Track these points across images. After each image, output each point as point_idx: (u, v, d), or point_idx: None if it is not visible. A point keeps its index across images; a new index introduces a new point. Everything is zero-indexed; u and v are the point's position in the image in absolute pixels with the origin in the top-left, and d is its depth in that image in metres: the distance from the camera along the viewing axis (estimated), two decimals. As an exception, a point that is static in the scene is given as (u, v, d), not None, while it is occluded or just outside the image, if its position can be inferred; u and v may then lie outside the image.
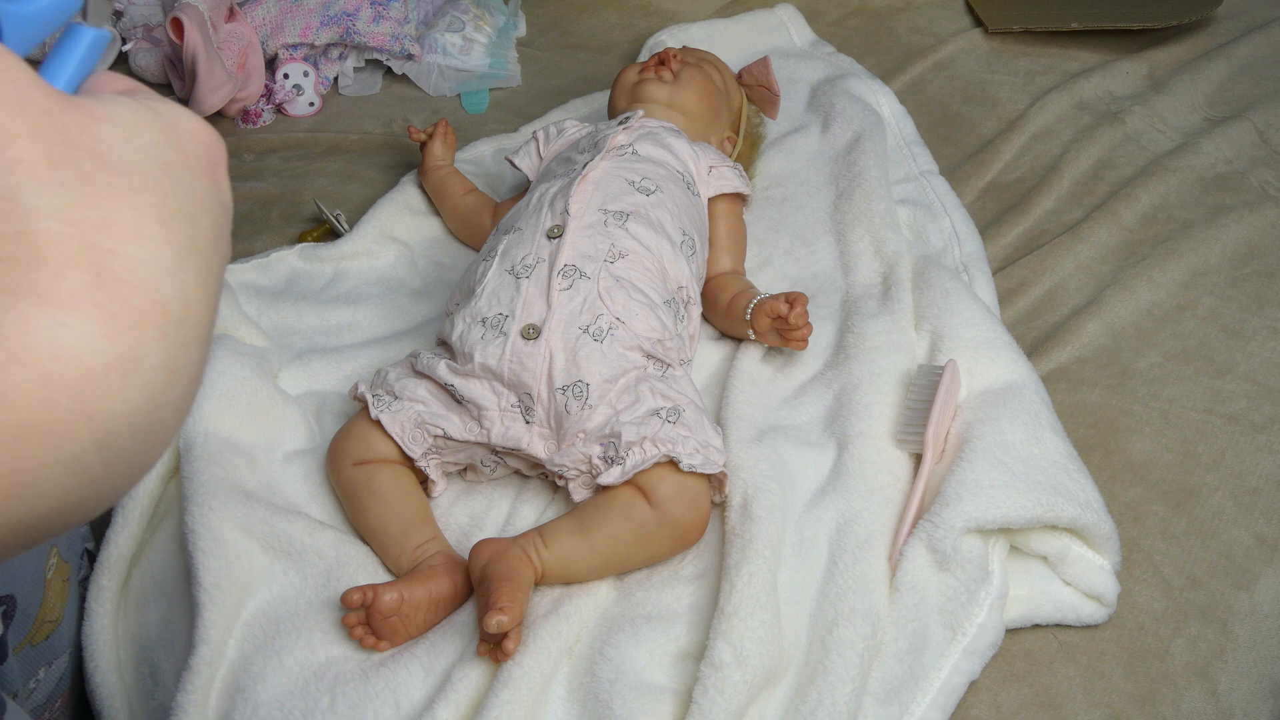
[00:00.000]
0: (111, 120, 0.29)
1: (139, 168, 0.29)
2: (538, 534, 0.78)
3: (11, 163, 0.27)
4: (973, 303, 0.97)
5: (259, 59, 1.39)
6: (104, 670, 0.78)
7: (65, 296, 0.26)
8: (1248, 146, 1.24)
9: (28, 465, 0.26)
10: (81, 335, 0.26)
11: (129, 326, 0.27)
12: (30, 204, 0.27)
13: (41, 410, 0.26)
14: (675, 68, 1.12)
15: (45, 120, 0.28)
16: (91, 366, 0.26)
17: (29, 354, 0.25)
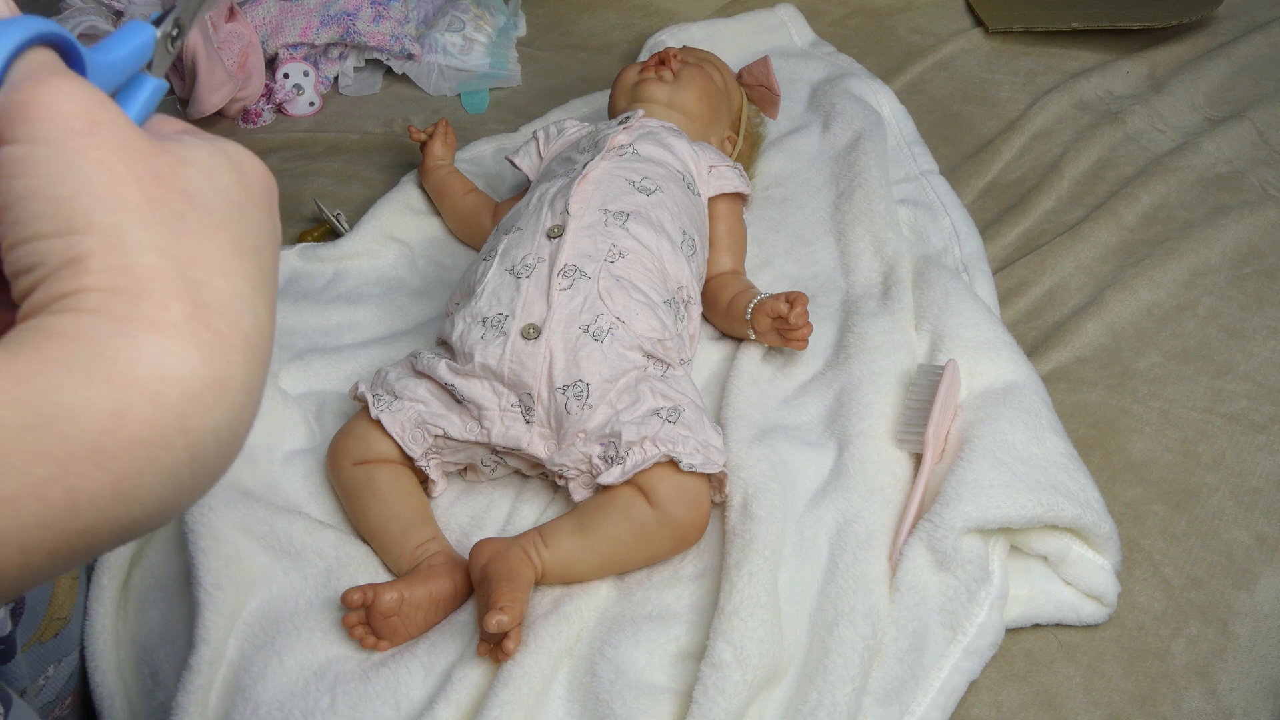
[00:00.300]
0: (195, 163, 0.32)
1: (219, 206, 0.32)
2: (538, 534, 0.79)
3: (119, 202, 0.30)
4: (973, 302, 0.97)
5: (259, 59, 1.39)
6: (104, 670, 0.78)
7: (169, 325, 0.29)
8: (1248, 146, 1.24)
9: (133, 474, 0.28)
10: (183, 360, 0.29)
11: (220, 352, 0.30)
12: (135, 240, 0.30)
13: (148, 426, 0.29)
14: (675, 67, 1.12)
15: (144, 164, 0.31)
16: (191, 388, 0.29)
17: (141, 377, 0.28)
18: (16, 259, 0.30)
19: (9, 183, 0.29)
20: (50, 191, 0.29)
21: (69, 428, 0.27)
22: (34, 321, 0.29)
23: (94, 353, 0.28)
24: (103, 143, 0.30)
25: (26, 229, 0.29)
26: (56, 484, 0.27)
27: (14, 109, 0.30)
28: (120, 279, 0.29)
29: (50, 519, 0.27)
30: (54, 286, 0.29)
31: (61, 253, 0.29)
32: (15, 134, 0.30)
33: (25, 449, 0.27)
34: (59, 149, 0.30)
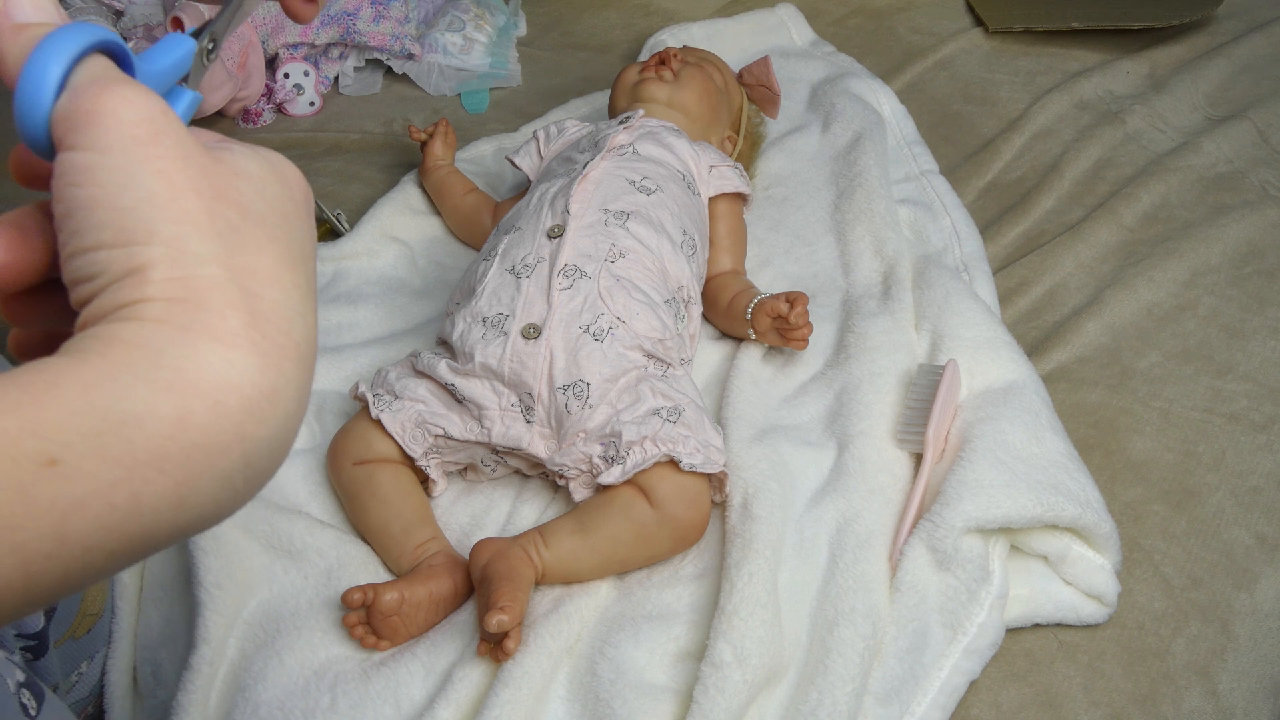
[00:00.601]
0: (247, 175, 0.33)
1: (269, 218, 0.33)
2: (538, 533, 0.79)
3: (180, 214, 0.30)
4: (973, 302, 0.97)
5: (259, 58, 1.39)
6: (120, 670, 0.78)
7: (229, 334, 0.30)
8: (1248, 146, 1.24)
9: (192, 479, 0.29)
10: (243, 369, 0.30)
11: (275, 361, 0.31)
12: (196, 251, 0.30)
13: (208, 433, 0.29)
14: (676, 67, 1.12)
15: (202, 176, 0.31)
16: (249, 396, 0.30)
17: (203, 384, 0.29)
18: (77, 267, 0.30)
19: (71, 190, 0.30)
20: (113, 201, 0.30)
21: (135, 433, 0.28)
22: (97, 329, 0.29)
23: (158, 360, 0.29)
24: (165, 153, 0.30)
25: (88, 238, 0.30)
26: (122, 488, 0.28)
27: (78, 115, 0.30)
28: (181, 289, 0.30)
29: (114, 522, 0.28)
30: (115, 295, 0.29)
31: (123, 262, 0.30)
32: (78, 141, 0.30)
33: (94, 454, 0.27)
34: (123, 158, 0.30)
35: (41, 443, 0.27)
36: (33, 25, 0.32)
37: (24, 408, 0.27)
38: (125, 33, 1.48)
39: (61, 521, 0.27)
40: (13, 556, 0.27)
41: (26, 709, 0.55)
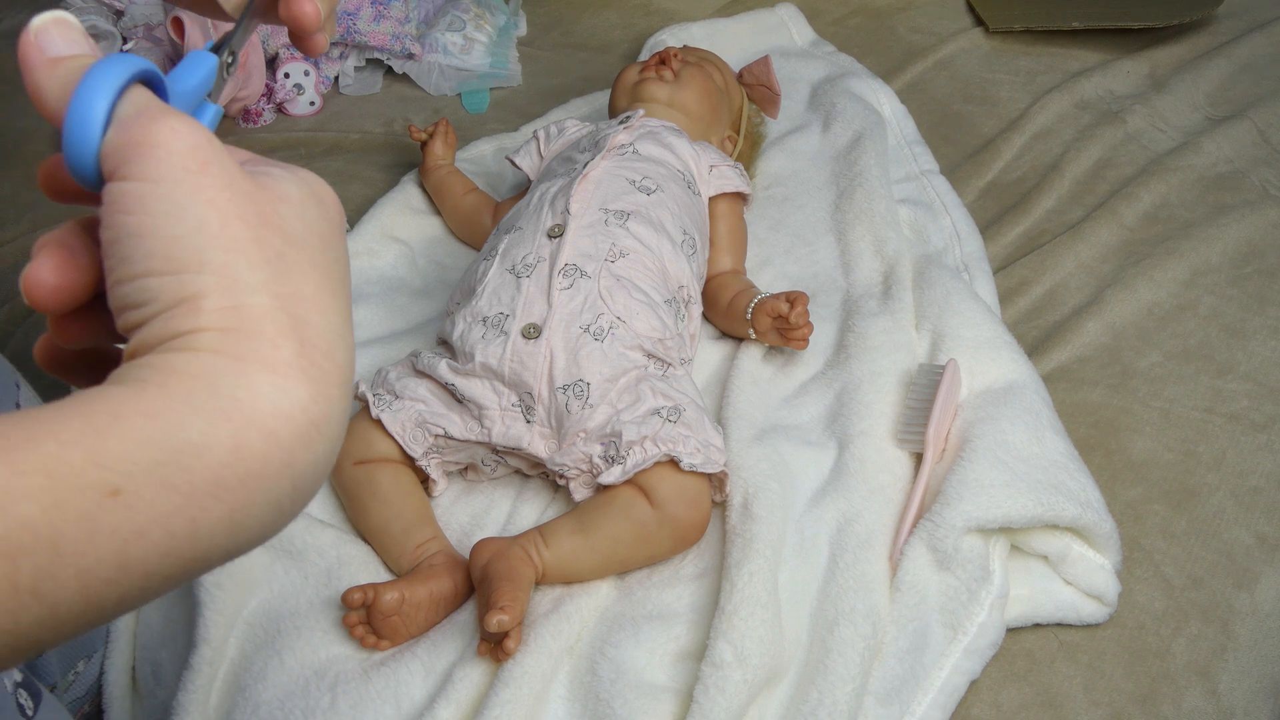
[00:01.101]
0: (289, 200, 0.33)
1: (310, 241, 0.33)
2: (538, 533, 0.79)
3: (230, 242, 0.30)
4: (973, 302, 0.97)
5: (260, 58, 1.39)
6: (119, 669, 0.78)
7: (282, 364, 0.30)
8: (1249, 146, 1.24)
9: (245, 505, 0.30)
10: (294, 398, 0.30)
11: (323, 388, 0.31)
12: (246, 280, 0.30)
13: (262, 462, 0.30)
14: (676, 67, 1.12)
15: (249, 203, 0.32)
16: (300, 424, 0.31)
17: (258, 414, 0.30)
18: (126, 294, 0.30)
19: (121, 218, 0.30)
20: (163, 230, 0.30)
21: (194, 463, 0.29)
22: (152, 359, 0.30)
23: (216, 391, 0.29)
24: (214, 182, 0.31)
25: (137, 265, 0.30)
26: (180, 515, 0.29)
27: (128, 147, 0.30)
28: (233, 318, 0.30)
29: (172, 548, 0.29)
30: (168, 325, 0.30)
31: (174, 291, 0.30)
32: (129, 171, 0.30)
33: (155, 483, 0.28)
34: (173, 187, 0.30)
35: (106, 473, 0.27)
36: (67, 59, 0.33)
37: (88, 439, 0.27)
38: (126, 32, 1.48)
39: (123, 548, 0.28)
40: (75, 581, 0.27)
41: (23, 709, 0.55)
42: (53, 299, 0.33)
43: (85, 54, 0.33)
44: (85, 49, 0.33)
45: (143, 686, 0.78)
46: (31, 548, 0.26)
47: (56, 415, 0.28)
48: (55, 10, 0.34)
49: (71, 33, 0.33)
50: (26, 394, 0.71)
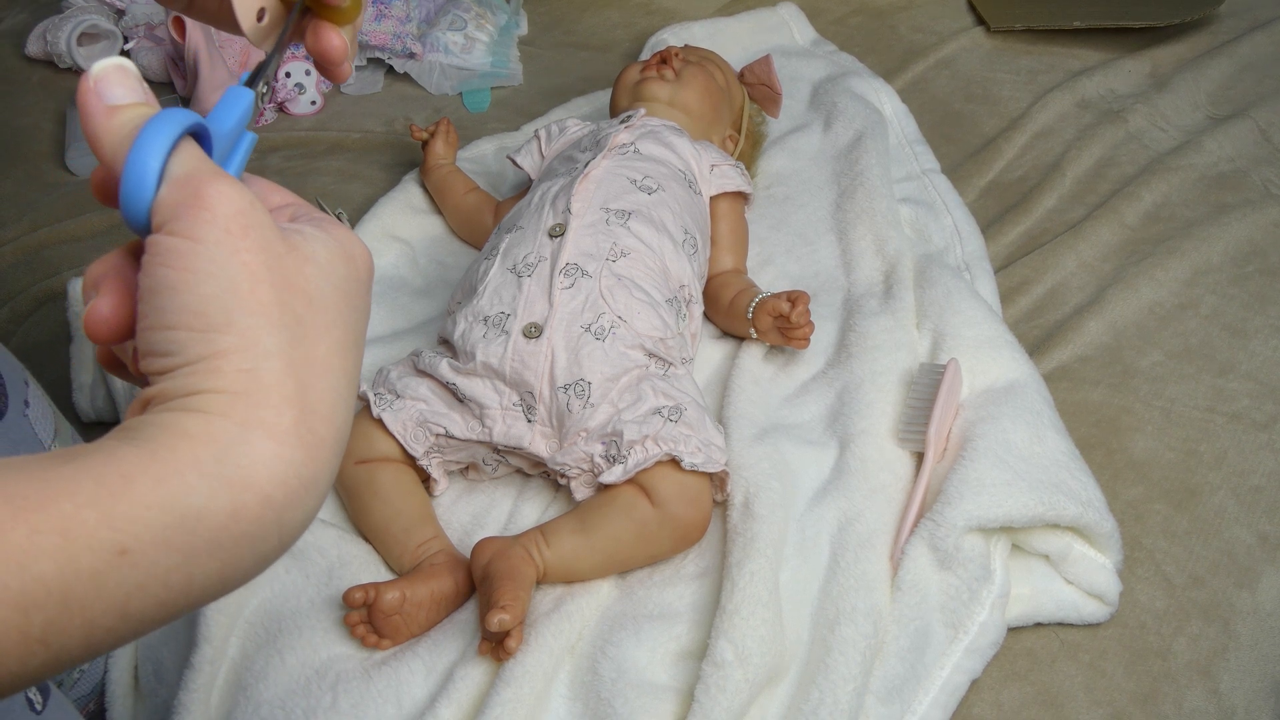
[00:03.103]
0: (315, 261, 0.35)
1: (332, 303, 0.35)
2: (539, 533, 0.79)
3: (256, 305, 0.33)
4: (974, 301, 0.97)
5: (260, 57, 1.39)
6: (121, 668, 0.78)
7: (283, 432, 0.32)
8: (1250, 145, 1.23)
9: (236, 560, 0.32)
10: (289, 463, 0.32)
11: (318, 453, 0.33)
12: (264, 345, 0.33)
13: (256, 524, 0.32)
14: (677, 66, 1.12)
15: (279, 266, 0.34)
16: (293, 488, 0.33)
17: (256, 481, 0.32)
18: (154, 341, 0.32)
19: (161, 270, 0.32)
20: (198, 288, 0.32)
21: (195, 525, 0.31)
22: (165, 419, 0.32)
23: (221, 457, 0.31)
24: (251, 245, 0.33)
25: (170, 317, 0.32)
26: (178, 571, 0.31)
27: (178, 205, 0.32)
28: (246, 382, 0.32)
29: (168, 599, 0.31)
30: (189, 380, 0.32)
31: (200, 347, 0.32)
32: (176, 228, 0.32)
33: (160, 544, 0.30)
34: (215, 248, 0.32)
35: (116, 534, 0.29)
36: (124, 108, 0.35)
37: (102, 501, 0.29)
38: (127, 31, 1.48)
39: (126, 601, 0.30)
40: (80, 631, 0.29)
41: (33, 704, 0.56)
42: (112, 335, 0.35)
43: (141, 103, 0.35)
44: (141, 97, 0.35)
45: (144, 685, 0.78)
46: (44, 602, 0.28)
47: (73, 475, 0.30)
48: (115, 58, 0.36)
49: (129, 80, 0.35)
50: (35, 391, 0.72)
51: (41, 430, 0.70)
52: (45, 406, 0.72)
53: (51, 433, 0.72)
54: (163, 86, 1.45)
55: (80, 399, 0.99)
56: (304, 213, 0.39)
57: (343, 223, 0.41)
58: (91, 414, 0.99)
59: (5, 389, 0.67)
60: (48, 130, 1.39)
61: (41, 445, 0.69)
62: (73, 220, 1.21)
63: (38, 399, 0.71)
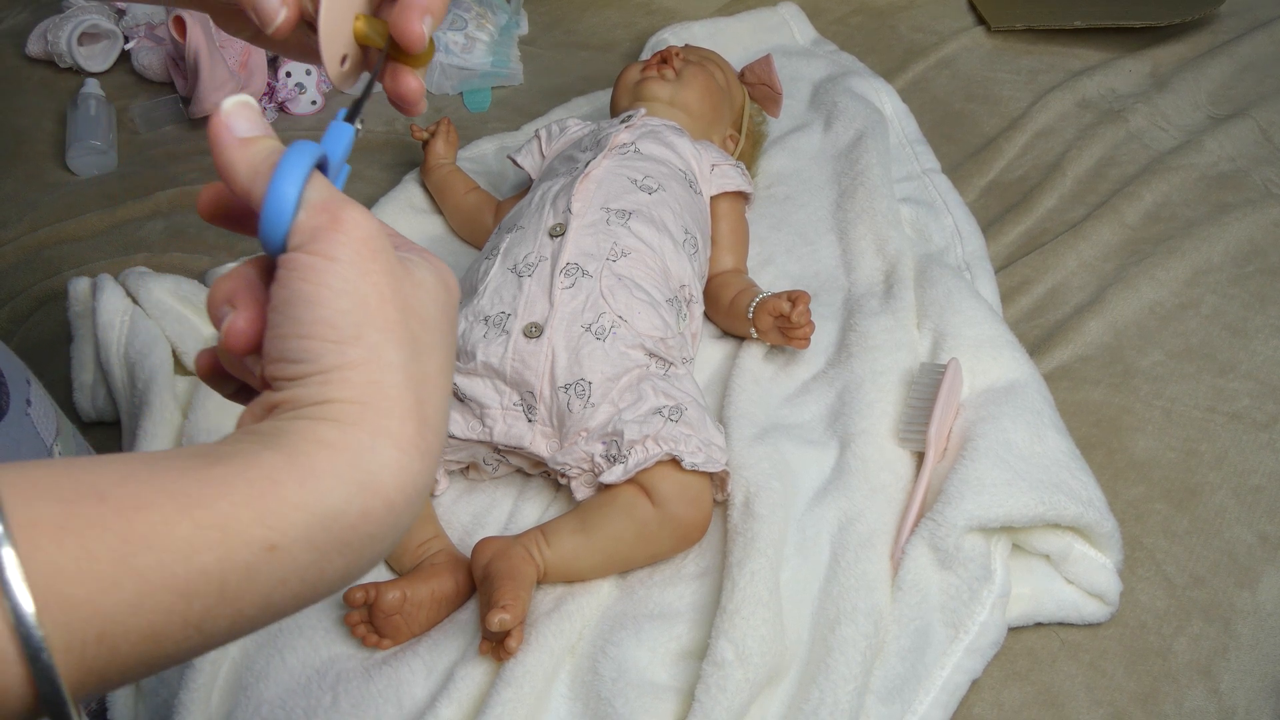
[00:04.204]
0: (425, 286, 0.39)
1: (438, 326, 0.39)
2: (540, 532, 0.79)
3: (384, 322, 0.36)
4: (975, 301, 0.97)
5: (261, 57, 1.39)
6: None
7: (406, 441, 0.35)
8: (1251, 144, 1.23)
9: (358, 559, 0.35)
10: (410, 472, 0.36)
11: (430, 461, 0.37)
12: (389, 358, 0.36)
13: (380, 525, 0.35)
14: (677, 66, 1.12)
15: (400, 289, 0.37)
16: (410, 494, 0.36)
17: (384, 487, 0.35)
18: (288, 349, 0.35)
19: (300, 285, 0.35)
20: (335, 302, 0.35)
21: (332, 525, 0.34)
22: (302, 427, 0.34)
23: (355, 464, 0.34)
24: (380, 268, 0.36)
25: (305, 327, 0.35)
26: (314, 567, 0.34)
27: (316, 229, 0.36)
28: (373, 393, 0.35)
29: (301, 592, 0.34)
30: (321, 390, 0.35)
31: (333, 357, 0.35)
32: (314, 248, 0.36)
33: (302, 541, 0.33)
34: (349, 268, 0.35)
35: (267, 531, 0.32)
36: (253, 140, 0.38)
37: (255, 502, 0.32)
38: (127, 31, 1.48)
39: (269, 593, 0.33)
40: (229, 619, 0.33)
41: None
42: (247, 347, 0.38)
43: (266, 135, 0.39)
44: (265, 130, 0.39)
45: (145, 685, 0.78)
46: (204, 590, 0.32)
47: (224, 476, 0.33)
48: (240, 95, 0.39)
49: (253, 115, 0.39)
50: (37, 390, 0.72)
51: (43, 429, 0.70)
52: (47, 406, 0.72)
53: (53, 432, 0.72)
54: (163, 86, 1.45)
55: (81, 399, 0.99)
56: (400, 241, 0.42)
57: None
58: (92, 414, 0.99)
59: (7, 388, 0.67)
60: (48, 130, 1.39)
61: (43, 444, 0.69)
62: (73, 220, 1.21)
63: (40, 398, 0.71)
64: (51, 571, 0.29)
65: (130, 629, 0.31)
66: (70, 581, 0.30)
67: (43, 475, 0.31)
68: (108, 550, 0.30)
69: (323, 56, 0.46)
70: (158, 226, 1.21)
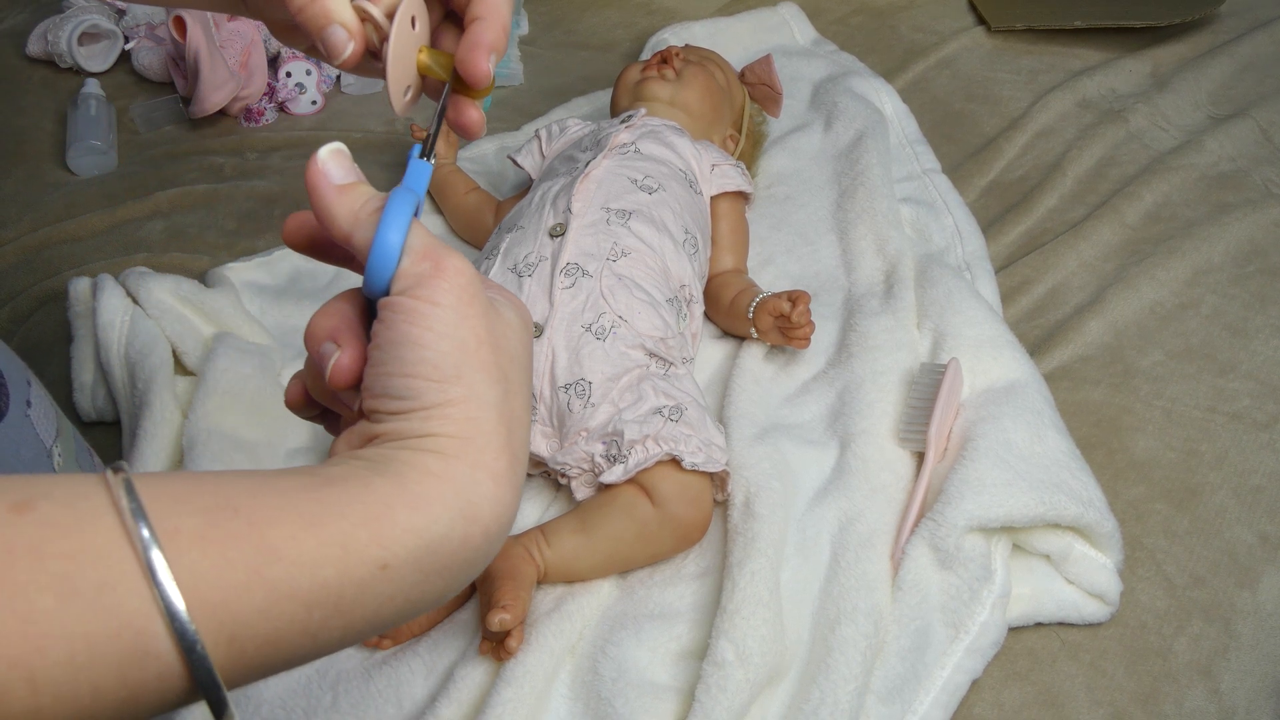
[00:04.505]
0: (510, 325, 0.41)
1: (522, 363, 0.41)
2: (540, 532, 0.79)
3: (480, 362, 0.38)
4: (975, 301, 0.97)
5: (261, 57, 1.39)
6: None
7: (501, 475, 0.38)
8: (1251, 144, 1.23)
9: (454, 581, 0.38)
10: (504, 503, 0.38)
11: (518, 492, 0.39)
12: (485, 396, 0.38)
13: (476, 552, 0.38)
14: (678, 66, 1.12)
15: (493, 330, 0.40)
16: (503, 523, 0.39)
17: (483, 516, 0.38)
18: (393, 386, 0.38)
19: (405, 326, 0.38)
20: (437, 343, 0.38)
21: (437, 549, 0.36)
22: (409, 455, 0.37)
23: (459, 494, 0.37)
24: (477, 312, 0.39)
25: (410, 367, 0.38)
26: (418, 588, 0.36)
27: (422, 275, 0.38)
28: (472, 429, 0.38)
29: (405, 609, 0.37)
30: (424, 424, 0.37)
31: (436, 394, 0.37)
32: (419, 293, 0.38)
33: (411, 563, 0.36)
34: (450, 312, 0.38)
35: (382, 551, 0.35)
36: (349, 187, 0.41)
37: (371, 524, 0.35)
38: (127, 31, 1.48)
39: (378, 609, 0.36)
40: (340, 630, 0.35)
41: None
42: (350, 383, 0.41)
43: (360, 181, 0.42)
44: (357, 175, 0.42)
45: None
46: (323, 602, 0.34)
47: (341, 498, 0.35)
48: (333, 144, 0.42)
49: (346, 162, 0.42)
50: (37, 391, 0.72)
51: (43, 430, 0.70)
52: (47, 406, 0.72)
53: (53, 432, 0.72)
54: (163, 86, 1.45)
55: (81, 399, 0.99)
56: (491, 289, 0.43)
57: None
58: (92, 414, 0.99)
59: (7, 388, 0.67)
60: (48, 130, 1.39)
61: (43, 445, 0.69)
62: (73, 220, 1.21)
63: (40, 398, 0.71)
64: (193, 577, 0.32)
65: (257, 633, 0.33)
66: (210, 587, 0.32)
67: (181, 488, 0.34)
68: (243, 560, 0.33)
69: (389, 89, 0.48)
70: (158, 226, 1.21)
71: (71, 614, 0.30)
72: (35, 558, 0.30)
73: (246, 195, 1.25)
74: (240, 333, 0.98)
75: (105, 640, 0.31)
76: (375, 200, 0.41)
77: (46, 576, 0.30)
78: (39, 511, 0.31)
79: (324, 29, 0.48)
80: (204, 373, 0.91)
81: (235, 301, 1.01)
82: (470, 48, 0.48)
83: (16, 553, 0.30)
